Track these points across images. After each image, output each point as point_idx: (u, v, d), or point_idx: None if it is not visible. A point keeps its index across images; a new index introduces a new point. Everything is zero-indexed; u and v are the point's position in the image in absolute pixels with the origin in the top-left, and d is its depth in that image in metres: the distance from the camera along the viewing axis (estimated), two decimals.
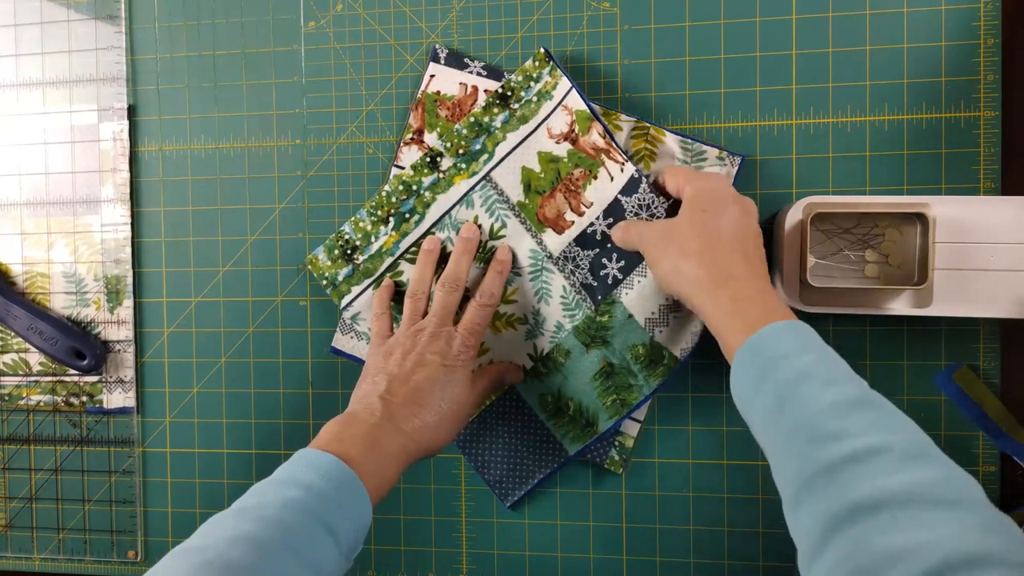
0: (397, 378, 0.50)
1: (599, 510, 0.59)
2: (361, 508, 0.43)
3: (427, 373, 0.50)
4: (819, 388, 0.39)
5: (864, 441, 0.35)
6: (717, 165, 0.55)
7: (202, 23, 0.62)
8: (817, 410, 0.38)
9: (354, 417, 0.48)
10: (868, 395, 0.39)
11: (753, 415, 0.43)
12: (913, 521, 0.31)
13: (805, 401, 0.38)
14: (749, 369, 0.42)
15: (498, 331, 0.58)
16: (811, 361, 0.40)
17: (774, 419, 0.40)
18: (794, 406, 0.39)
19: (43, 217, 0.64)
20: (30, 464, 0.65)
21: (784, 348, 0.41)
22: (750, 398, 0.42)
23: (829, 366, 0.40)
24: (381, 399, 0.49)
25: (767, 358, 0.41)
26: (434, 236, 0.58)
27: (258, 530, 0.40)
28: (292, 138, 0.61)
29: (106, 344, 0.63)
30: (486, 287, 0.55)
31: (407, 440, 0.48)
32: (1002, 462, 0.54)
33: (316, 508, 0.41)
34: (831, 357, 0.41)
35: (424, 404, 0.49)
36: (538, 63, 0.57)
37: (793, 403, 0.39)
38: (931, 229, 0.49)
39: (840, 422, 0.37)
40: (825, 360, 0.41)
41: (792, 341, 0.42)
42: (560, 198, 0.56)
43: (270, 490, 0.43)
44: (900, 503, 0.32)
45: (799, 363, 0.40)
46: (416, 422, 0.48)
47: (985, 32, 0.53)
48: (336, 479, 0.43)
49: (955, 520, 0.31)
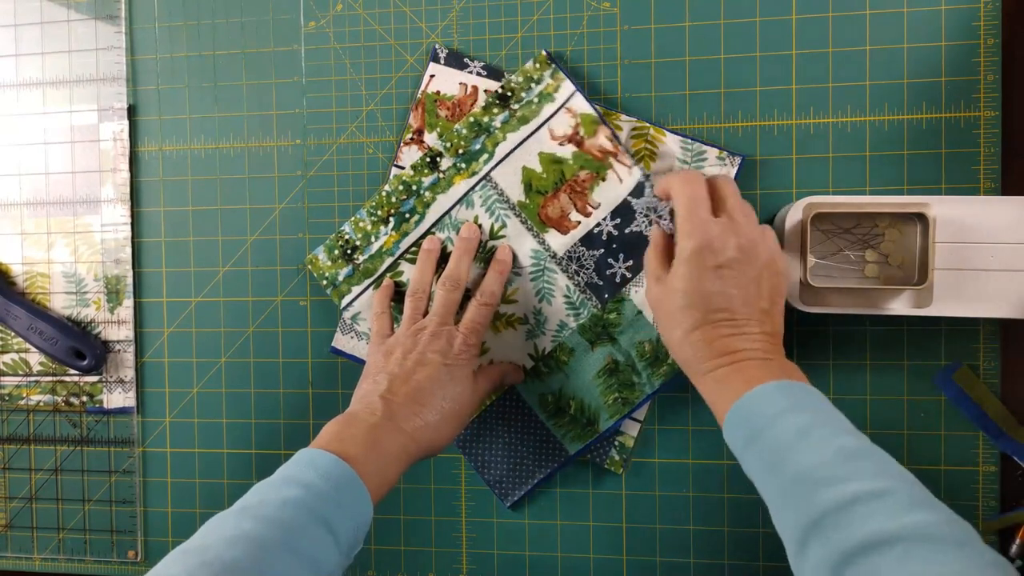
0: (398, 377, 0.50)
1: (599, 510, 0.59)
2: (361, 507, 0.43)
3: (428, 372, 0.50)
4: (826, 438, 0.39)
5: (872, 484, 0.36)
6: (717, 165, 0.55)
7: (202, 23, 0.62)
8: (821, 459, 0.38)
9: (354, 417, 0.48)
10: (871, 447, 0.39)
11: (749, 467, 0.43)
12: (926, 557, 0.32)
13: (810, 450, 0.39)
14: (738, 432, 0.43)
15: (498, 331, 0.58)
16: (810, 418, 0.40)
17: (773, 470, 0.40)
18: (796, 456, 0.39)
19: (43, 217, 0.64)
20: (30, 464, 0.65)
21: (776, 408, 0.41)
22: (740, 454, 0.43)
23: (829, 419, 0.41)
24: (382, 398, 0.49)
25: (757, 421, 0.42)
26: (434, 236, 0.58)
27: (257, 529, 0.40)
28: (292, 138, 0.61)
29: (106, 344, 0.63)
30: (487, 286, 0.55)
31: (408, 440, 0.48)
32: (1002, 462, 0.54)
33: (316, 507, 0.41)
34: (830, 412, 0.42)
35: (425, 403, 0.49)
36: (539, 65, 0.57)
37: (795, 454, 0.39)
38: (931, 229, 0.49)
39: (846, 468, 0.37)
40: (823, 415, 0.41)
41: (784, 401, 0.42)
42: (564, 199, 0.56)
43: (270, 490, 0.43)
44: (913, 540, 0.33)
45: (798, 420, 0.40)
46: (417, 421, 0.48)
47: (985, 32, 0.53)
48: (336, 478, 0.43)
49: (965, 558, 0.32)
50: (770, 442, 0.40)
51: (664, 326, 0.49)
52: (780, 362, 0.45)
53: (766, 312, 0.46)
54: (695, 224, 0.46)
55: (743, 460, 0.43)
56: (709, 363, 0.45)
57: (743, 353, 0.45)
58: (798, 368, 0.45)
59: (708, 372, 0.45)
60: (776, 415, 0.41)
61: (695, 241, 0.45)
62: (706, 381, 0.46)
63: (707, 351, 0.45)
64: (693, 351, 0.46)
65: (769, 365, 0.44)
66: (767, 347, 0.45)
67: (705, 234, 0.45)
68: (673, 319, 0.47)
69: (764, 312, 0.46)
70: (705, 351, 0.46)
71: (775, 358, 0.45)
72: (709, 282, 0.45)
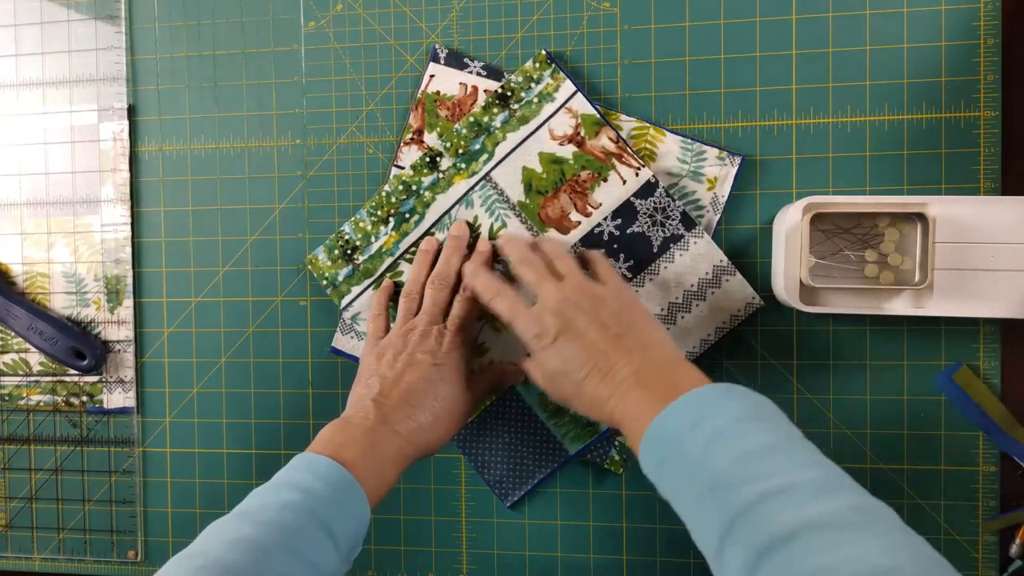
0: (389, 380, 0.50)
1: (599, 510, 0.59)
2: (359, 510, 0.44)
3: (418, 373, 0.50)
4: (729, 444, 0.38)
5: (777, 480, 0.35)
6: (717, 165, 0.55)
7: (202, 23, 0.62)
8: (727, 463, 0.37)
9: (349, 422, 0.48)
10: (783, 441, 0.38)
11: (665, 490, 0.42)
12: (827, 543, 0.32)
13: (717, 457, 0.38)
14: (651, 457, 0.41)
15: (498, 330, 0.58)
16: (718, 424, 0.39)
17: (685, 485, 0.39)
18: (705, 466, 0.38)
19: (43, 217, 0.64)
20: (30, 464, 0.65)
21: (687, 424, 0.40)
22: (656, 479, 0.42)
23: (728, 422, 0.39)
24: (374, 402, 0.49)
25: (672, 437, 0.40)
26: (432, 236, 0.58)
27: (256, 533, 0.40)
28: (292, 138, 0.61)
29: (106, 344, 0.63)
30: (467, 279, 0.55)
31: (403, 442, 0.48)
32: (1002, 462, 0.54)
33: (315, 510, 0.42)
34: (727, 411, 0.40)
35: (417, 405, 0.49)
36: (539, 64, 0.57)
37: (703, 464, 0.38)
38: (931, 229, 0.49)
39: (753, 467, 0.37)
40: (720, 419, 0.40)
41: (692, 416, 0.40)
42: (565, 199, 0.56)
43: (270, 494, 0.43)
44: (813, 529, 0.33)
45: (699, 435, 0.39)
46: (411, 423, 0.49)
47: (985, 32, 0.53)
48: (334, 482, 0.43)
49: (865, 540, 0.32)
50: (678, 461, 0.39)
51: (570, 404, 0.48)
52: (661, 368, 0.44)
53: (620, 336, 0.46)
54: (521, 322, 0.49)
55: (658, 484, 0.42)
56: (606, 408, 0.45)
57: (625, 382, 0.44)
58: (692, 369, 0.44)
59: (610, 416, 0.45)
60: (679, 434, 0.40)
61: (529, 333, 0.48)
62: (615, 424, 0.45)
63: (599, 402, 0.45)
64: (592, 410, 0.46)
65: (650, 379, 0.43)
66: (644, 360, 0.44)
67: (528, 324, 0.48)
68: (566, 396, 0.48)
69: (618, 337, 0.46)
70: (597, 404, 0.45)
71: (656, 367, 0.44)
72: (557, 354, 0.47)
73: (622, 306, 0.48)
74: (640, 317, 0.48)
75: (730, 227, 0.56)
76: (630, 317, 0.47)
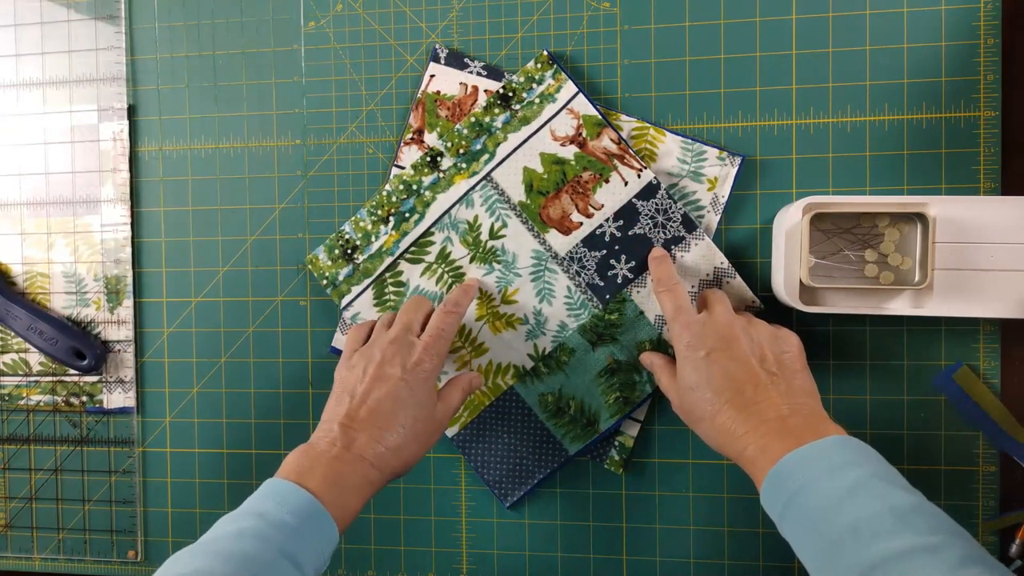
0: (356, 398, 0.49)
1: (599, 510, 0.59)
2: (325, 536, 0.43)
3: (387, 390, 0.49)
4: (874, 495, 0.39)
5: (927, 539, 0.36)
6: (717, 165, 0.56)
7: (202, 23, 0.62)
8: (872, 514, 0.38)
9: (314, 448, 0.47)
10: (924, 502, 0.39)
11: (788, 530, 0.42)
12: None
13: (859, 507, 0.38)
14: (775, 498, 0.42)
15: (498, 331, 0.58)
16: (860, 475, 0.40)
17: (816, 529, 0.40)
18: (845, 512, 0.38)
19: (43, 217, 0.64)
20: (30, 464, 0.65)
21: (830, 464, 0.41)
22: (779, 518, 0.42)
23: (876, 473, 0.40)
24: (340, 426, 0.48)
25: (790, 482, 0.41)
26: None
27: (212, 565, 0.39)
28: (292, 138, 0.61)
29: (106, 344, 0.63)
30: (451, 295, 0.54)
31: (369, 468, 0.47)
32: (1002, 462, 0.54)
33: (276, 538, 0.41)
34: (875, 465, 0.41)
35: (385, 426, 0.48)
36: (540, 65, 0.57)
37: (843, 510, 0.39)
38: (931, 229, 0.49)
39: (899, 523, 0.37)
40: (868, 469, 0.40)
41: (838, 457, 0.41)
42: (566, 199, 0.56)
43: (228, 522, 0.43)
44: None
45: (843, 479, 0.40)
46: (378, 448, 0.47)
47: (985, 32, 0.53)
48: (299, 510, 0.43)
49: None
50: (811, 502, 0.40)
51: (696, 426, 0.49)
52: (809, 420, 0.45)
53: (774, 376, 0.46)
54: (680, 325, 0.49)
55: (781, 524, 0.42)
56: (739, 444, 0.45)
57: (768, 424, 0.44)
58: (839, 428, 0.44)
59: (741, 451, 0.45)
60: (818, 475, 0.40)
61: (683, 340, 0.49)
62: (743, 461, 0.45)
63: (731, 434, 0.45)
64: (720, 438, 0.46)
65: (796, 428, 0.44)
66: (792, 410, 0.45)
67: (687, 330, 0.49)
68: (695, 414, 0.48)
69: (772, 376, 0.46)
70: (728, 435, 0.46)
71: (804, 419, 0.44)
72: (704, 369, 0.47)
73: (789, 349, 0.48)
74: (802, 367, 0.48)
75: (730, 227, 0.56)
76: (793, 364, 0.48)
